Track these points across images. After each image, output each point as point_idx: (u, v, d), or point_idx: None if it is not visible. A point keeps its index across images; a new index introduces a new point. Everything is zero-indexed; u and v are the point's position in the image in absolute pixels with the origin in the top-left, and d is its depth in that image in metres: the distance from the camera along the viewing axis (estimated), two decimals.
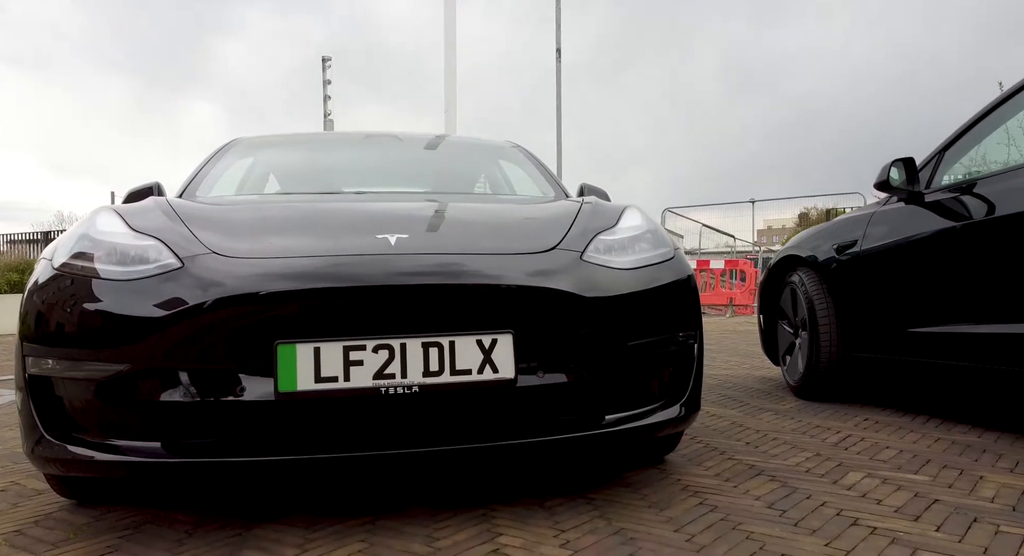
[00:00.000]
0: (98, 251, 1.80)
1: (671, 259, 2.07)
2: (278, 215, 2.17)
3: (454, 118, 16.77)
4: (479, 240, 1.93)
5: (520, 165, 3.32)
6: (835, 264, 3.23)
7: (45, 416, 1.71)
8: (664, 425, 1.95)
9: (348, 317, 1.64)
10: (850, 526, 1.68)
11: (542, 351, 1.74)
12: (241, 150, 3.15)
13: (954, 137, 2.82)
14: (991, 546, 1.53)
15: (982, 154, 2.73)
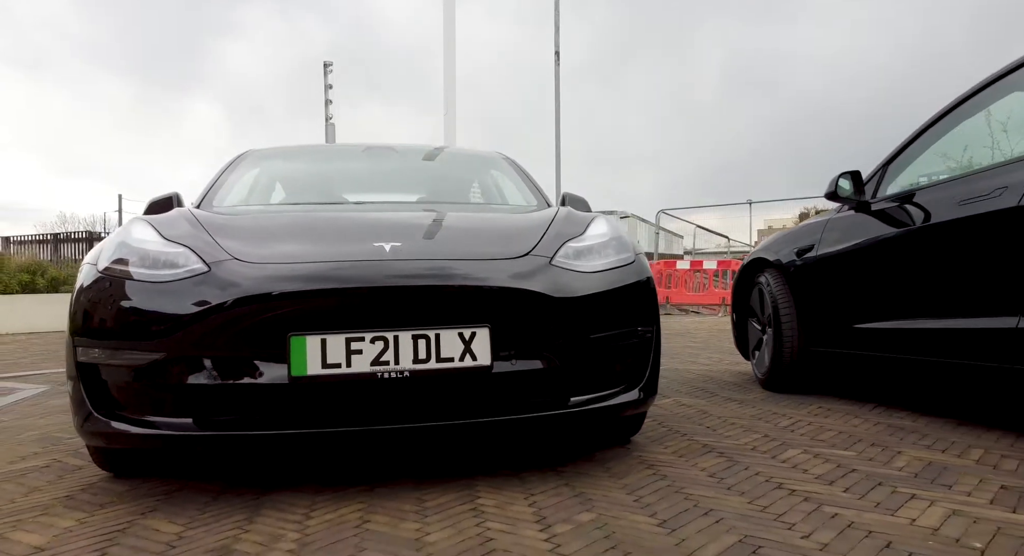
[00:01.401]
0: (135, 257, 2.13)
1: (631, 263, 2.40)
2: (288, 224, 2.50)
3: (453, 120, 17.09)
4: (461, 247, 2.25)
5: (507, 175, 3.65)
6: (796, 266, 3.56)
7: (93, 397, 2.03)
8: (625, 407, 2.27)
9: (349, 313, 1.96)
10: (774, 489, 2.01)
11: (515, 342, 2.06)
12: (251, 161, 3.48)
13: (896, 152, 3.14)
14: (884, 501, 1.86)
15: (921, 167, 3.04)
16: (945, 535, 1.62)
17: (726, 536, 1.65)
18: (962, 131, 2.90)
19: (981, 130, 2.81)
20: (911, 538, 1.61)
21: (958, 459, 2.27)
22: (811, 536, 1.64)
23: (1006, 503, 1.83)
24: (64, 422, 3.34)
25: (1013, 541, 1.57)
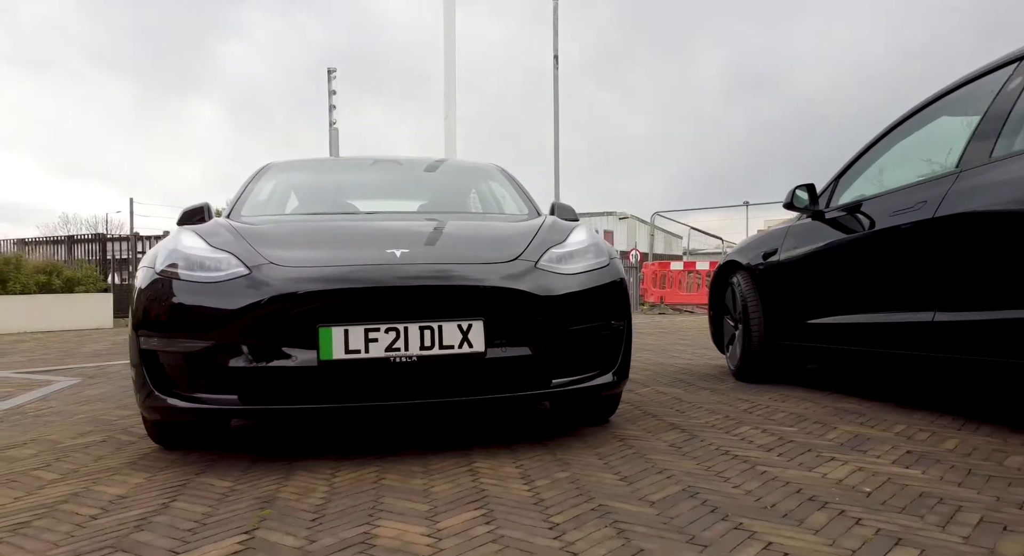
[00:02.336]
0: (187, 262, 2.55)
1: (606, 266, 2.82)
2: (314, 232, 2.92)
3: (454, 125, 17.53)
4: (460, 252, 2.67)
5: (502, 185, 4.07)
6: (761, 268, 3.98)
7: (153, 378, 2.46)
8: (600, 388, 2.68)
9: (367, 308, 2.38)
10: (721, 455, 2.43)
11: (506, 332, 2.48)
12: (273, 173, 3.91)
13: (846, 166, 3.56)
14: (807, 462, 2.28)
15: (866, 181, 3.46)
16: (846, 484, 2.04)
17: (672, 486, 2.07)
18: (900, 149, 3.32)
19: (915, 149, 3.23)
20: (818, 486, 2.03)
21: (881, 432, 2.69)
22: (740, 486, 2.06)
23: (904, 463, 2.25)
24: (106, 407, 3.76)
25: (896, 486, 1.99)
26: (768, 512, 1.82)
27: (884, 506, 1.84)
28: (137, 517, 1.91)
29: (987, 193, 2.53)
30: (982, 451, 2.36)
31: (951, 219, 2.66)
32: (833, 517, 1.76)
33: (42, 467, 2.50)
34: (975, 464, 2.21)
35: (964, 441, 2.51)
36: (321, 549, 1.64)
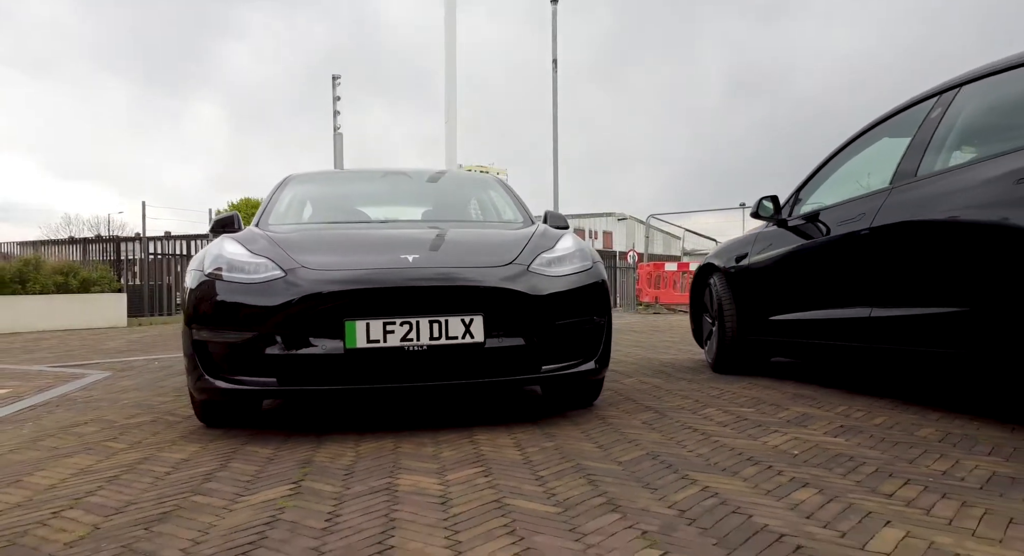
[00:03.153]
0: (230, 265, 3.01)
1: (590, 269, 3.28)
2: (338, 239, 3.38)
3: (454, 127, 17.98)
4: (463, 257, 3.13)
5: (499, 195, 4.54)
6: (734, 270, 4.44)
7: (203, 364, 2.92)
8: (584, 374, 3.14)
9: (385, 305, 2.84)
10: (684, 429, 2.89)
11: (502, 326, 2.94)
12: (294, 185, 4.37)
13: (806, 179, 4.03)
14: (754, 434, 2.74)
15: (822, 193, 3.92)
16: (780, 449, 2.50)
17: (638, 451, 2.54)
18: (851, 165, 3.78)
19: (862, 165, 3.69)
20: (756, 450, 2.49)
21: (824, 412, 3.15)
22: (694, 451, 2.52)
23: (833, 433, 2.71)
24: (144, 395, 4.23)
25: (819, 450, 2.45)
26: (711, 467, 2.28)
27: (804, 463, 2.30)
28: (203, 473, 2.38)
29: (911, 207, 3.00)
30: (902, 425, 2.83)
31: (883, 229, 3.12)
32: (761, 470, 2.23)
33: (110, 440, 2.97)
34: (891, 434, 2.68)
35: (890, 418, 2.97)
36: (355, 493, 2.11)
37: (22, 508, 2.04)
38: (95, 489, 2.22)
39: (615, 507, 1.90)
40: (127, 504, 2.05)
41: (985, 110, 2.96)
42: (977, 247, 2.63)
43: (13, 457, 2.69)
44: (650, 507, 1.89)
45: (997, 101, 2.92)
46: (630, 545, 1.62)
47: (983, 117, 2.97)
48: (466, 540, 1.68)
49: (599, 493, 2.04)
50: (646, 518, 1.80)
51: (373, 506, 1.97)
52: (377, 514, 1.89)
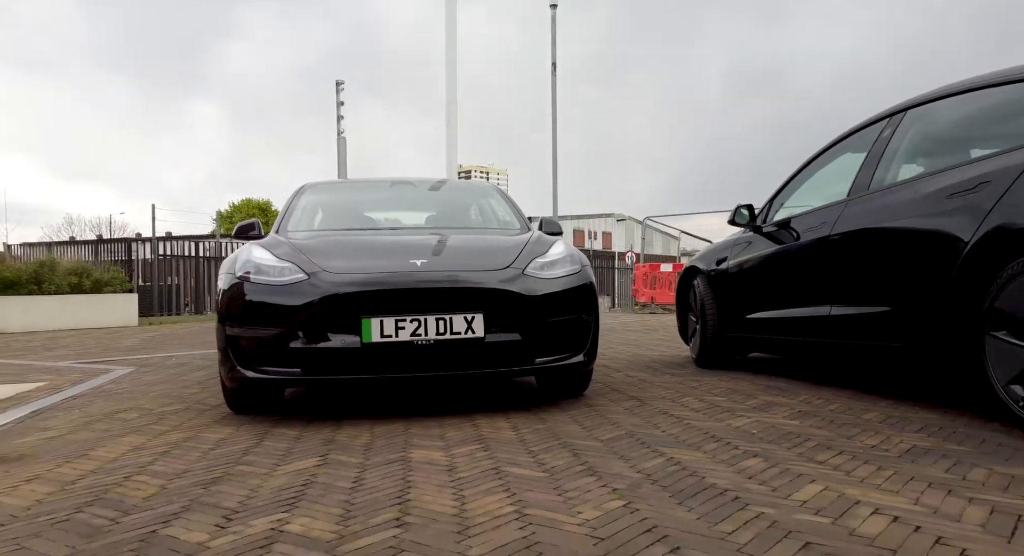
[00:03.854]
0: (258, 269, 3.41)
1: (579, 272, 3.67)
2: (353, 245, 3.77)
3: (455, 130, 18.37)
4: (465, 261, 3.52)
5: (497, 202, 4.93)
6: (715, 273, 4.83)
7: (235, 356, 3.31)
8: (573, 366, 3.53)
9: (396, 304, 3.23)
10: (660, 414, 3.28)
11: (500, 323, 3.33)
12: (309, 193, 4.77)
13: (779, 189, 4.42)
14: (721, 417, 3.14)
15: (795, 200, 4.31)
16: (742, 429, 2.90)
17: (618, 431, 2.93)
18: (819, 176, 4.17)
19: (828, 177, 4.08)
20: (720, 430, 2.88)
21: (788, 400, 3.54)
22: (666, 431, 2.91)
23: (791, 417, 3.11)
24: (171, 388, 4.62)
25: (775, 430, 2.85)
26: (679, 443, 2.68)
27: (759, 440, 2.70)
28: (241, 449, 2.77)
29: (862, 217, 3.39)
30: (853, 410, 3.22)
31: (840, 236, 3.52)
32: (721, 446, 2.62)
33: (153, 423, 3.37)
34: (840, 417, 3.07)
35: (844, 405, 3.37)
36: (374, 464, 2.50)
37: (96, 474, 2.43)
38: (152, 460, 2.61)
39: (593, 472, 2.30)
40: (183, 471, 2.45)
41: (925, 132, 3.35)
42: (913, 253, 3.02)
43: (73, 437, 3.08)
44: (622, 472, 2.29)
45: (935, 124, 3.31)
46: (601, 498, 2.01)
47: (924, 138, 3.37)
48: (469, 495, 2.08)
49: (581, 463, 2.44)
50: (617, 480, 2.20)
51: (391, 473, 2.36)
52: (395, 478, 2.29)
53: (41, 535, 1.82)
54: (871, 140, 3.62)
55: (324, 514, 1.93)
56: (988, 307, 2.62)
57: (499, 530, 1.77)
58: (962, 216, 2.76)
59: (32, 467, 2.55)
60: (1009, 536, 1.63)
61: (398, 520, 1.87)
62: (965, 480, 2.08)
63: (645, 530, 1.74)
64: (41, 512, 2.02)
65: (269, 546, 1.70)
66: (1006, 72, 2.94)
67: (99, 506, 2.06)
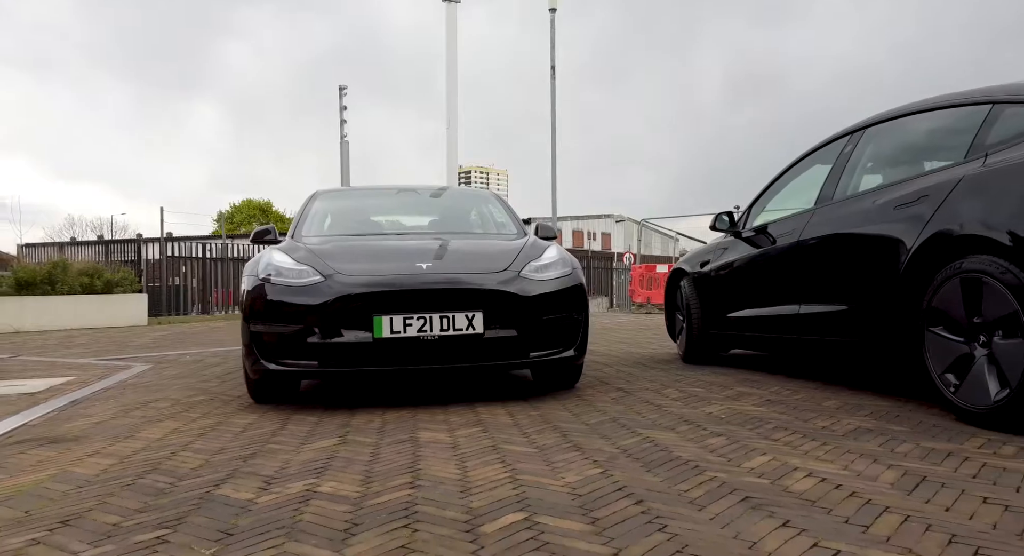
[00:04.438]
0: (277, 272, 3.78)
1: (570, 274, 4.04)
2: (365, 250, 4.14)
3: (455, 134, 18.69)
4: (466, 264, 3.89)
5: (495, 208, 5.31)
6: (699, 275, 5.21)
7: (259, 350, 3.68)
8: (565, 360, 3.90)
9: (404, 303, 3.60)
10: (643, 403, 3.65)
11: (498, 320, 3.70)
12: (321, 200, 5.14)
13: (756, 197, 4.79)
14: (695, 404, 3.51)
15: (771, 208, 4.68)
16: (713, 415, 3.26)
17: (603, 417, 3.30)
18: (792, 186, 4.55)
19: (801, 186, 4.45)
20: (694, 416, 3.25)
21: (760, 391, 3.91)
22: (646, 417, 3.28)
23: (758, 405, 3.48)
24: (192, 381, 4.99)
25: (741, 415, 3.22)
26: (655, 426, 3.05)
27: (726, 423, 3.07)
28: (268, 432, 3.14)
29: (825, 225, 3.76)
30: (815, 399, 3.60)
31: (807, 242, 3.89)
32: (691, 428, 2.99)
33: (184, 411, 3.74)
34: (802, 404, 3.44)
35: (809, 394, 3.74)
36: (387, 443, 2.87)
37: (146, 451, 2.81)
38: (192, 440, 2.99)
39: (577, 448, 2.67)
40: (221, 449, 2.82)
41: (879, 149, 3.73)
42: (867, 257, 3.39)
43: (116, 422, 3.46)
44: (603, 448, 2.66)
45: (887, 142, 3.69)
46: (583, 467, 2.39)
47: (878, 153, 3.74)
48: (471, 466, 2.45)
49: (568, 441, 2.81)
50: (598, 454, 2.57)
51: (402, 449, 2.73)
52: (406, 453, 2.66)
53: (116, 494, 2.19)
54: (836, 154, 3.99)
55: (349, 479, 2.31)
56: (927, 306, 2.99)
57: (495, 490, 2.14)
58: (906, 225, 3.13)
59: (88, 446, 2.93)
60: (910, 490, 2.00)
61: (411, 483, 2.24)
62: (892, 452, 2.45)
63: (616, 489, 2.11)
64: (109, 478, 2.39)
65: (306, 501, 2.07)
66: (945, 98, 3.31)
67: (157, 474, 2.44)
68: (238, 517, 1.95)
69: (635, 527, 1.78)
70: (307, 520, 1.90)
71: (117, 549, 1.73)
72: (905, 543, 1.62)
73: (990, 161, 2.85)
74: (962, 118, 3.16)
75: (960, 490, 2.00)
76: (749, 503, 1.94)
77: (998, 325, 2.67)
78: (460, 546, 1.69)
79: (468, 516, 1.91)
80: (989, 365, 2.71)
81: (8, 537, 1.84)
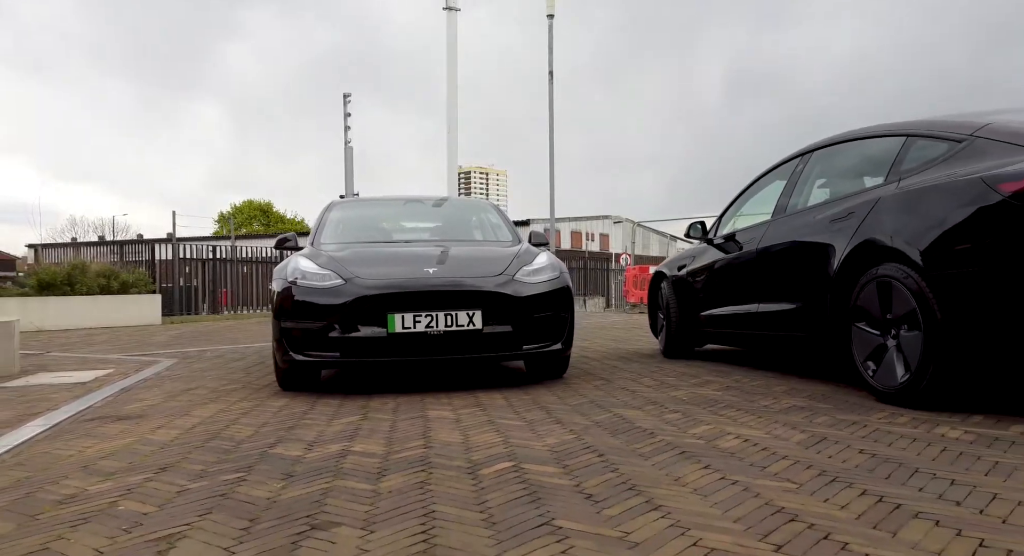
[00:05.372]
0: (303, 275, 4.39)
1: (558, 278, 4.65)
2: (379, 256, 4.75)
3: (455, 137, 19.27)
4: (468, 269, 4.49)
5: (492, 217, 5.93)
6: (676, 277, 5.82)
7: (288, 343, 4.29)
8: (553, 352, 4.51)
9: (414, 303, 4.21)
10: (621, 389, 4.26)
11: (495, 317, 4.31)
12: (337, 210, 5.76)
13: (726, 208, 5.41)
14: (667, 391, 4.12)
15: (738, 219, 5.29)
16: (678, 398, 3.87)
17: (583, 399, 3.91)
18: (755, 199, 5.16)
19: (762, 199, 5.06)
20: (662, 399, 3.86)
21: (723, 379, 4.52)
22: (620, 399, 3.89)
23: (719, 390, 4.09)
24: (221, 373, 5.60)
25: (701, 398, 3.83)
26: (626, 406, 3.66)
27: (686, 404, 3.68)
28: (299, 412, 3.75)
29: (779, 234, 4.37)
30: (769, 385, 4.20)
31: (764, 249, 4.50)
32: (657, 408, 3.60)
33: (223, 396, 4.35)
34: (756, 390, 4.05)
35: (764, 382, 4.35)
36: (402, 419, 3.47)
37: (203, 425, 3.42)
38: (237, 418, 3.60)
39: (559, 422, 3.28)
40: (264, 423, 3.43)
41: (823, 169, 4.35)
42: (811, 263, 4.00)
43: (167, 405, 4.07)
44: (579, 421, 3.27)
45: (830, 164, 4.30)
46: (561, 434, 2.99)
47: (822, 173, 4.36)
48: (471, 434, 3.05)
49: (552, 417, 3.42)
50: (575, 425, 3.18)
51: (415, 424, 3.34)
52: (418, 426, 3.27)
53: (193, 452, 2.81)
54: (790, 172, 4.60)
55: (374, 442, 2.92)
56: (853, 304, 3.60)
57: (491, 449, 2.75)
58: (839, 236, 3.74)
59: (153, 422, 3.54)
60: (809, 447, 2.61)
61: (424, 445, 2.85)
62: (811, 422, 3.07)
63: (584, 448, 2.72)
64: (183, 442, 3.01)
65: (344, 456, 2.69)
66: (874, 128, 3.92)
67: (219, 440, 3.05)
68: (294, 465, 2.56)
69: (594, 470, 2.39)
70: (347, 467, 2.52)
71: (211, 484, 2.34)
72: (788, 476, 2.24)
73: (902, 185, 3.46)
74: (885, 147, 3.77)
75: (846, 446, 2.61)
76: (684, 455, 2.55)
77: (903, 320, 3.28)
78: (465, 481, 2.30)
79: (470, 465, 2.52)
80: (897, 353, 3.32)
81: (127, 477, 2.45)
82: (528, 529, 1.83)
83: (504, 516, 1.94)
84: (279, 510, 2.05)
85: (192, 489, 2.29)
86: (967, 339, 3.00)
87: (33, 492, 2.32)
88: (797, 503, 1.97)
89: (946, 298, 3.04)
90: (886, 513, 1.87)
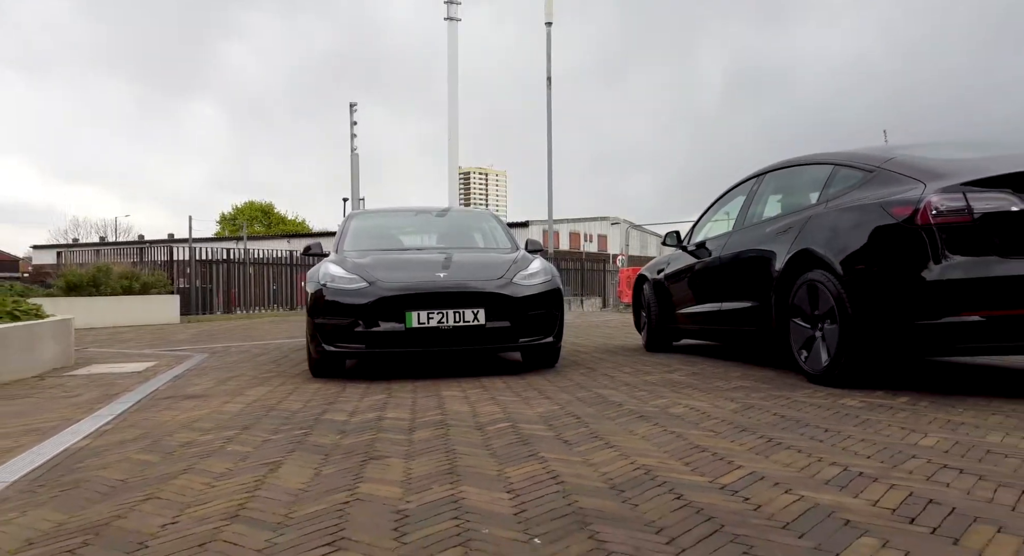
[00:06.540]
0: (332, 279, 5.20)
1: (550, 280, 5.47)
2: (397, 262, 5.56)
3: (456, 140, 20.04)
4: (473, 273, 5.30)
5: (492, 226, 6.75)
6: (656, 279, 6.63)
7: (321, 336, 5.10)
8: (546, 344, 5.32)
9: (427, 302, 5.01)
10: (601, 376, 5.07)
11: (496, 314, 5.11)
12: (357, 220, 6.58)
13: (698, 219, 6.22)
14: (643, 377, 4.92)
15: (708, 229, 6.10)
16: (649, 381, 4.68)
17: (570, 383, 4.72)
18: (721, 212, 5.97)
19: (727, 212, 5.87)
20: (635, 382, 4.67)
21: (690, 367, 5.33)
22: (601, 383, 4.69)
23: (685, 376, 4.90)
24: (255, 364, 6.40)
25: (671, 382, 4.64)
26: (605, 387, 4.47)
27: (655, 386, 4.48)
28: (334, 393, 4.56)
29: (737, 243, 5.18)
30: (728, 371, 5.01)
31: (726, 255, 5.31)
32: (630, 388, 4.41)
33: (264, 383, 5.15)
34: (716, 374, 4.86)
35: (725, 369, 5.16)
36: (421, 397, 4.28)
37: (258, 401, 4.22)
38: (284, 397, 4.40)
39: (548, 398, 4.09)
40: (308, 401, 4.23)
41: (773, 189, 5.16)
42: (761, 268, 4.81)
43: (221, 388, 4.87)
44: (564, 398, 4.08)
45: (778, 185, 5.11)
46: (548, 406, 3.80)
47: (773, 192, 5.17)
48: (477, 407, 3.86)
49: (543, 395, 4.22)
50: (560, 400, 3.99)
51: (432, 400, 4.15)
52: (434, 401, 4.08)
53: (260, 420, 3.62)
54: (748, 189, 5.41)
55: (401, 412, 3.73)
56: (791, 303, 4.41)
57: (492, 416, 3.56)
58: (781, 246, 4.55)
59: (216, 400, 4.34)
60: (737, 412, 3.42)
61: (441, 413, 3.66)
62: (747, 397, 3.88)
63: (566, 414, 3.54)
64: (249, 413, 3.82)
65: (380, 420, 3.49)
66: (811, 157, 4.74)
67: (276, 411, 3.86)
68: (343, 426, 3.37)
69: (571, 426, 3.20)
70: (385, 425, 3.33)
71: (286, 436, 3.15)
72: (711, 429, 3.05)
73: (829, 205, 4.27)
74: (818, 173, 4.59)
75: (766, 411, 3.42)
76: (642, 418, 3.37)
77: (827, 316, 4.09)
78: (475, 434, 3.11)
79: (477, 425, 3.33)
80: (822, 343, 4.13)
81: (222, 432, 3.26)
82: (521, 458, 2.65)
83: (504, 452, 2.75)
84: (343, 450, 2.86)
85: (273, 439, 3.10)
86: (869, 330, 3.81)
87: (158, 440, 3.13)
88: (711, 443, 2.79)
89: (855, 298, 3.85)
90: (770, 447, 2.69)
